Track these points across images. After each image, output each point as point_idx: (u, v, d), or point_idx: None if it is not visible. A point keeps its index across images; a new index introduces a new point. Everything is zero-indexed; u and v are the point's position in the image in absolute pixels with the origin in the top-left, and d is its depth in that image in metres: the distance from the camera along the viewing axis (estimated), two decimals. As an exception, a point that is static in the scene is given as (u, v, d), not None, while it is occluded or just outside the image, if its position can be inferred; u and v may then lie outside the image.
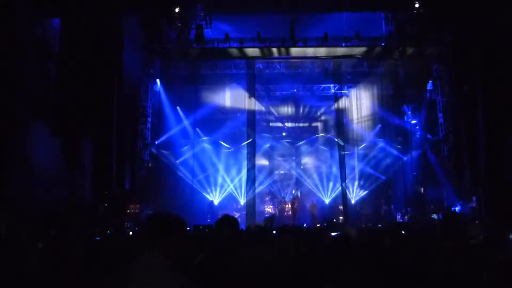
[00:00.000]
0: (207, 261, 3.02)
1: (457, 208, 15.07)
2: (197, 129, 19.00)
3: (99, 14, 13.67)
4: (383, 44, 16.93)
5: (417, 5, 15.59)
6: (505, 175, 13.79)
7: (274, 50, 17.17)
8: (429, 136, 17.66)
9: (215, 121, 19.61)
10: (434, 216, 14.78)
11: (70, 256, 4.47)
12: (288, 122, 21.34)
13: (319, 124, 21.53)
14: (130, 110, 16.26)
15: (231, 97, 19.38)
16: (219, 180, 19.29)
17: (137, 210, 15.87)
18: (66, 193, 13.01)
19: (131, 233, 12.34)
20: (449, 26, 15.74)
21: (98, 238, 6.23)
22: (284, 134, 21.43)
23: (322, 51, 17.27)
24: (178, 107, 18.59)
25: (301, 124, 21.39)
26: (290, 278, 3.41)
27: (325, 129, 21.13)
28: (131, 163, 16.21)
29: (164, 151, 17.96)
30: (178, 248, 2.68)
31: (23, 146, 11.95)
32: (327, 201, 19.67)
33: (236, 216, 17.95)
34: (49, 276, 4.01)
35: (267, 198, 20.23)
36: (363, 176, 19.30)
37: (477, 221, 12.65)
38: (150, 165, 17.39)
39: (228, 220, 3.53)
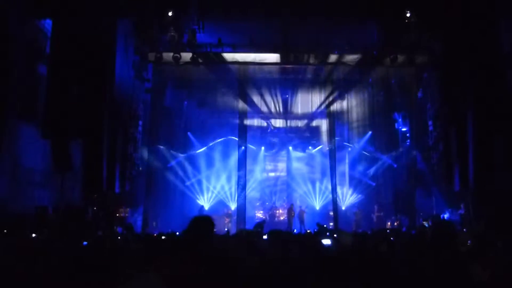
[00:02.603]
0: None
1: (446, 215, 15.20)
2: (188, 133, 18.96)
3: (92, 17, 13.60)
4: (374, 51, 17.08)
5: (408, 14, 15.78)
6: (494, 182, 13.93)
7: (266, 55, 17.24)
8: (419, 143, 17.80)
9: (207, 125, 19.61)
10: (425, 223, 14.89)
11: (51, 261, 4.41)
12: (279, 127, 21.38)
13: (310, 130, 21.60)
14: (121, 113, 16.17)
15: (223, 102, 19.38)
16: (210, 185, 19.26)
17: (126, 215, 15.77)
18: (55, 196, 12.90)
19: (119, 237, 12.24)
20: (439, 35, 15.94)
21: (86, 243, 6.12)
22: (275, 139, 21.47)
23: (314, 58, 17.38)
24: (169, 111, 18.53)
25: (292, 130, 21.45)
26: (276, 284, 3.40)
27: (316, 135, 21.22)
28: (121, 167, 16.10)
29: (155, 155, 17.88)
30: (182, 268, 2.59)
31: (12, 148, 11.83)
32: (317, 206, 19.72)
33: (226, 222, 18.07)
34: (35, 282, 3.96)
35: (257, 203, 20.22)
36: (353, 182, 19.40)
37: (465, 229, 12.78)
38: (140, 169, 17.29)
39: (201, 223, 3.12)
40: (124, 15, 15.44)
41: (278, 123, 21.24)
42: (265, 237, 5.57)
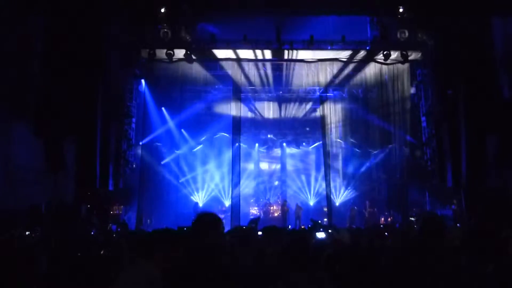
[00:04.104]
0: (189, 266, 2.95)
1: (438, 211, 15.32)
2: (182, 130, 18.91)
3: (84, 14, 13.51)
4: (367, 48, 17.12)
5: (401, 10, 15.83)
6: (486, 178, 14.07)
7: (260, 52, 17.21)
8: (412, 139, 17.90)
9: (201, 122, 19.57)
10: (412, 218, 15.00)
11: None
12: (273, 123, 21.38)
13: (304, 126, 21.62)
14: (114, 110, 16.10)
15: (217, 98, 19.34)
16: (205, 181, 19.24)
17: (120, 212, 15.73)
18: (48, 194, 12.83)
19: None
20: (432, 31, 16.02)
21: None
22: (269, 136, 21.48)
23: (307, 54, 17.39)
24: (163, 108, 18.47)
25: (287, 126, 21.46)
26: (272, 280, 3.41)
27: (310, 131, 21.25)
28: (115, 164, 16.04)
29: (148, 152, 17.81)
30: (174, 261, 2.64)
31: (4, 146, 11.74)
32: (311, 202, 19.78)
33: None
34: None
35: (252, 200, 20.24)
36: (347, 178, 19.47)
37: (458, 224, 12.89)
38: (134, 166, 17.24)
39: (209, 219, 3.26)
40: (117, 12, 15.34)
41: (272, 118, 21.22)
42: (259, 233, 5.57)
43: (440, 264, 3.59)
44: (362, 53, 17.18)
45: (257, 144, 21.19)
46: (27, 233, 9.28)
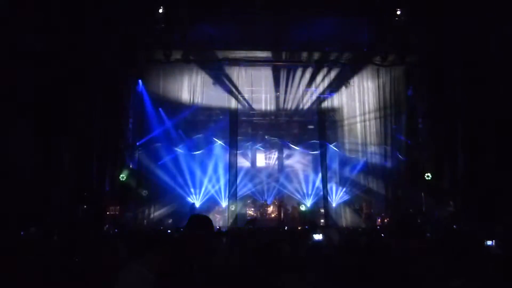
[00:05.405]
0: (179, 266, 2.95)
1: (436, 212, 15.39)
2: (179, 130, 18.91)
3: (83, 13, 13.48)
4: (365, 50, 17.16)
5: (399, 12, 15.88)
6: (483, 180, 14.11)
7: (258, 53, 17.23)
8: (409, 141, 17.95)
9: (198, 122, 19.57)
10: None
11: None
12: (270, 124, 21.41)
13: (301, 128, 21.67)
14: (111, 111, 16.07)
15: (214, 99, 19.34)
16: (202, 182, 19.22)
17: (117, 212, 15.70)
18: (44, 194, 12.79)
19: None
20: (429, 33, 16.07)
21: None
22: (266, 136, 21.50)
23: (305, 56, 17.42)
24: (160, 108, 18.46)
25: (283, 127, 21.50)
26: (268, 280, 3.41)
27: (307, 132, 21.29)
28: (111, 164, 16.01)
29: (145, 153, 17.79)
30: (169, 263, 2.64)
31: (0, 146, 11.70)
32: (308, 203, 19.81)
33: (217, 219, 18.09)
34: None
35: (248, 201, 20.23)
36: (344, 179, 19.49)
37: (454, 226, 12.94)
38: (131, 166, 17.21)
39: (201, 221, 3.23)
40: (114, 12, 15.31)
41: (270, 119, 21.25)
42: (256, 234, 5.59)
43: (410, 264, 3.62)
44: (359, 55, 17.21)
45: (254, 145, 21.20)
46: (23, 233, 9.25)
